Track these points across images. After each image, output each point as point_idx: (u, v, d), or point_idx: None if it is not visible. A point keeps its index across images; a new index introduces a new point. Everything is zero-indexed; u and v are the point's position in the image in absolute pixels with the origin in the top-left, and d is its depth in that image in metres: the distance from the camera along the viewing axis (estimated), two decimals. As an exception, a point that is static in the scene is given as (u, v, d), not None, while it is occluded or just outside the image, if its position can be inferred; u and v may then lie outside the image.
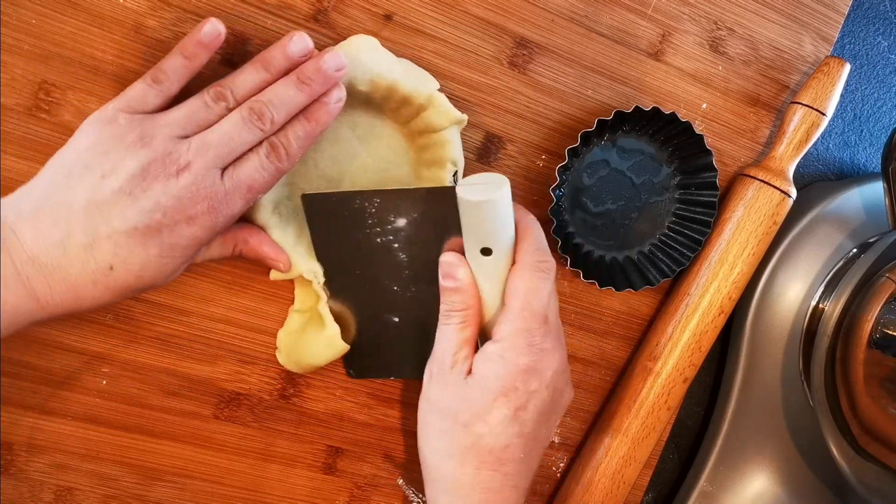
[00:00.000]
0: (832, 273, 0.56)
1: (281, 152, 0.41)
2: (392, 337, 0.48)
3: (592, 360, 0.55)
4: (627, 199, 0.53)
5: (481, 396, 0.41)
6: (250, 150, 0.40)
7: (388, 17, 0.47)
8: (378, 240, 0.45)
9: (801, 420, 0.58)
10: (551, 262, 0.43)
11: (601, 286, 0.51)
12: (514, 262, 0.43)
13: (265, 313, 0.49)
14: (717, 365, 0.60)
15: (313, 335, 0.47)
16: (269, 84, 0.41)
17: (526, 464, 0.42)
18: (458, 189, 0.41)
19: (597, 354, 0.55)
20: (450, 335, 0.43)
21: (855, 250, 0.57)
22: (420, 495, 0.44)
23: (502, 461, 0.41)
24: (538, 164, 0.52)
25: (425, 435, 0.43)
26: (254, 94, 0.41)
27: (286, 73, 0.41)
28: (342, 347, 0.47)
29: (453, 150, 0.46)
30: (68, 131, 0.44)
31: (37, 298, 0.38)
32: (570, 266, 0.51)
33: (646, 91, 0.53)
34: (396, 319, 0.47)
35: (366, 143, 0.47)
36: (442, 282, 0.43)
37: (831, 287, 0.56)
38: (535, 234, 0.43)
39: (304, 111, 0.41)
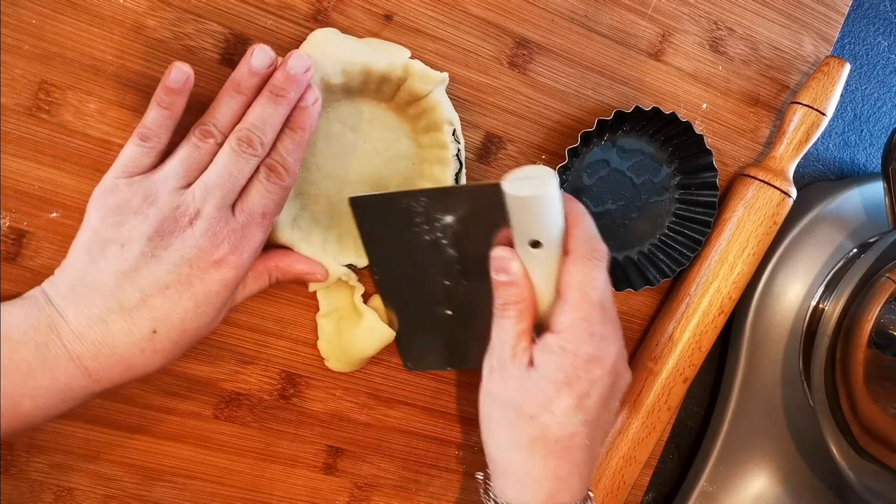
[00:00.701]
0: (832, 273, 0.56)
1: (280, 171, 0.41)
2: (446, 330, 0.48)
3: (592, 360, 0.55)
4: (627, 199, 0.53)
5: (545, 387, 0.41)
6: (251, 178, 0.41)
7: (388, 17, 0.47)
8: (427, 237, 0.45)
9: (801, 420, 0.58)
10: (603, 249, 0.43)
11: (601, 286, 0.51)
12: (565, 252, 0.43)
13: (265, 313, 0.49)
14: (718, 365, 0.60)
15: (353, 331, 0.48)
16: (247, 105, 0.41)
17: (591, 450, 0.43)
18: (504, 185, 0.40)
19: (597, 354, 0.55)
20: (507, 328, 0.43)
21: (855, 250, 0.57)
22: (489, 491, 0.45)
23: (569, 449, 0.42)
24: (538, 164, 0.52)
25: (489, 429, 0.44)
26: (236, 121, 0.41)
27: (258, 89, 0.41)
28: (386, 331, 0.48)
29: (444, 110, 0.46)
30: (68, 131, 0.44)
31: (89, 374, 0.39)
32: (570, 266, 0.51)
33: (646, 91, 0.53)
34: (449, 313, 0.48)
35: (360, 131, 0.47)
36: (495, 276, 0.43)
37: (831, 287, 0.56)
38: (586, 222, 0.43)
39: (287, 122, 0.42)
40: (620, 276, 0.53)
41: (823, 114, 0.52)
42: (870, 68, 0.61)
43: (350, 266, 0.47)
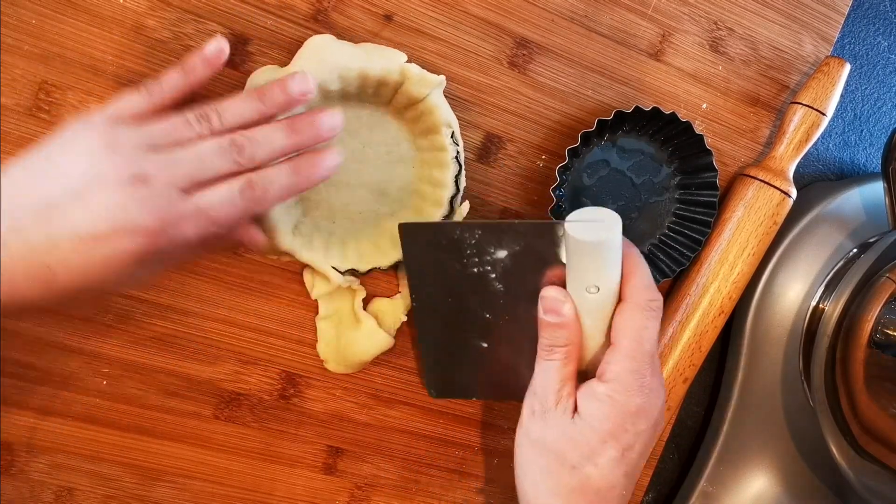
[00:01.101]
0: (832, 273, 0.56)
1: (258, 192, 0.39)
2: (478, 361, 0.48)
3: (592, 360, 0.55)
4: (627, 199, 0.53)
5: (590, 437, 0.40)
6: (222, 180, 0.38)
7: (388, 18, 0.47)
8: (475, 269, 0.44)
9: (801, 420, 0.58)
10: (660, 301, 0.42)
11: (601, 286, 0.51)
12: (620, 299, 0.42)
13: (265, 314, 0.49)
14: (718, 365, 0.60)
15: (352, 335, 0.48)
16: (262, 115, 0.40)
17: (625, 498, 0.42)
18: (567, 226, 0.39)
19: (597, 354, 0.55)
20: (552, 372, 0.42)
21: (855, 250, 0.57)
22: None
23: (607, 500, 0.41)
24: (538, 165, 0.52)
25: (526, 472, 0.43)
26: (242, 126, 0.39)
27: (282, 108, 0.40)
28: (384, 338, 0.48)
29: (442, 113, 0.47)
30: (68, 131, 0.44)
31: None
32: (571, 266, 0.51)
33: (646, 91, 0.53)
34: (485, 345, 0.47)
35: (359, 137, 0.47)
36: (544, 316, 0.42)
37: (831, 287, 0.56)
38: (644, 271, 0.42)
39: (294, 162, 0.40)
40: (620, 276, 0.53)
41: (823, 114, 0.52)
42: (870, 68, 0.61)
43: (352, 271, 0.47)
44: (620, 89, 0.52)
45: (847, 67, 0.52)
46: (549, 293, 0.42)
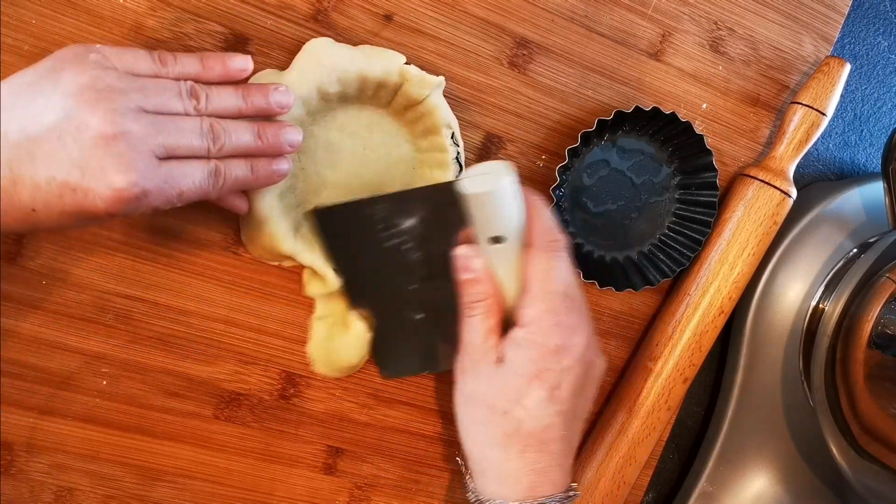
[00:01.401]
0: (832, 273, 0.56)
1: (220, 181, 0.40)
2: (419, 334, 0.48)
3: (592, 360, 0.55)
4: (627, 200, 0.53)
5: (516, 382, 0.42)
6: (195, 158, 0.39)
7: (388, 18, 0.47)
8: (390, 242, 0.45)
9: (801, 420, 0.58)
10: (563, 239, 0.43)
11: (601, 286, 0.51)
12: (526, 245, 0.43)
13: (265, 313, 0.49)
14: (718, 365, 0.60)
15: (342, 338, 0.48)
16: (239, 112, 0.41)
17: (568, 440, 0.43)
18: (460, 183, 0.41)
19: (597, 354, 0.55)
20: (475, 327, 0.43)
21: (855, 250, 0.57)
22: (470, 486, 0.45)
23: (545, 441, 0.42)
24: (538, 165, 0.52)
25: (465, 428, 0.44)
26: (220, 115, 0.40)
27: (259, 113, 0.41)
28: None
29: (442, 114, 0.47)
30: (68, 131, 0.44)
31: None
32: (571, 266, 0.51)
33: (646, 91, 0.53)
34: (420, 316, 0.48)
35: (359, 138, 0.47)
36: (459, 275, 0.44)
37: (831, 287, 0.56)
38: (544, 214, 0.43)
39: (253, 162, 0.41)
40: (621, 276, 0.53)
41: (823, 114, 0.52)
42: (870, 68, 0.61)
43: None
44: (620, 89, 0.52)
45: (847, 67, 0.52)
46: (459, 252, 0.43)
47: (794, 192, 0.53)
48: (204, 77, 0.40)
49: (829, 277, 0.56)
